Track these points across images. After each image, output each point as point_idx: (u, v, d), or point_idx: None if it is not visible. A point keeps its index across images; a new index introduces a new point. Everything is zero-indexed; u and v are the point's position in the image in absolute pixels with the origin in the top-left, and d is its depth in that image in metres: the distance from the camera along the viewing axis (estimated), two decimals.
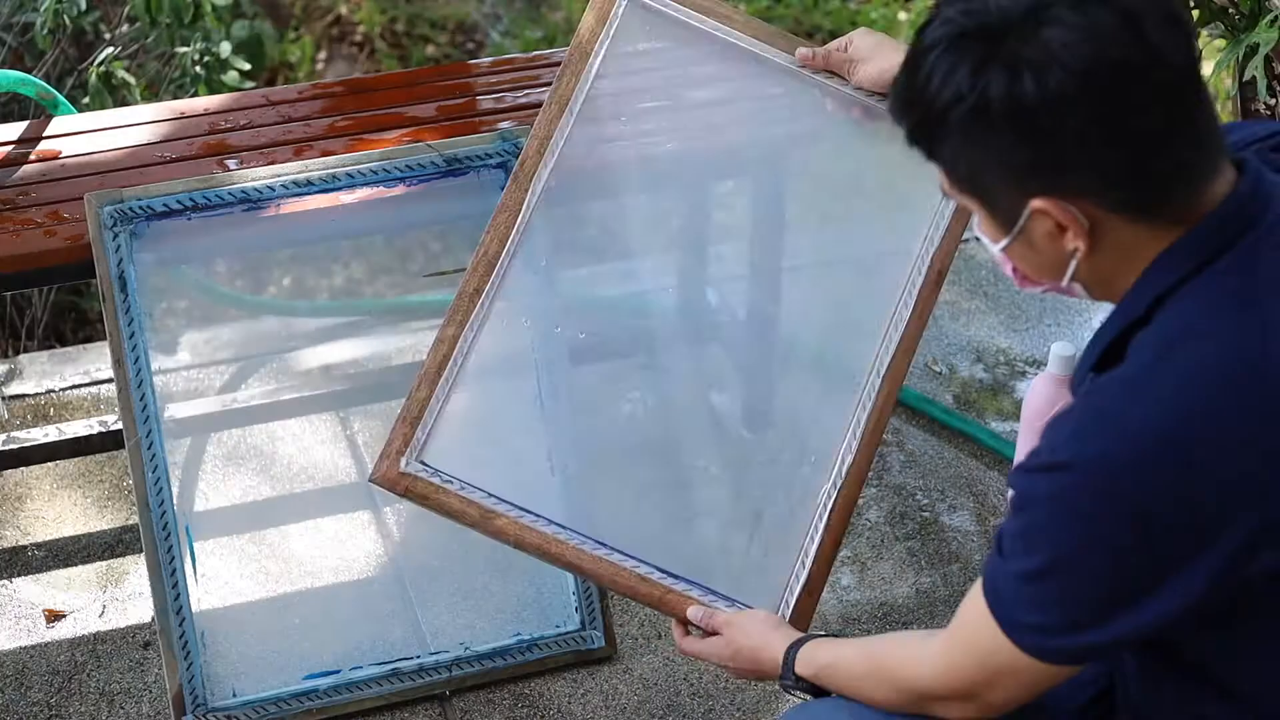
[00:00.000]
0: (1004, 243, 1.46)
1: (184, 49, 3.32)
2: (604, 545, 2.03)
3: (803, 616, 1.98)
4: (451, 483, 2.03)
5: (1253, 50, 2.60)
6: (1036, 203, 1.40)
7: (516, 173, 2.08)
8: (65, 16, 3.05)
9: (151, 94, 3.49)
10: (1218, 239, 1.40)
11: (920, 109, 1.41)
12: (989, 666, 1.51)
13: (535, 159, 2.09)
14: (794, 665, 1.75)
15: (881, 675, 1.65)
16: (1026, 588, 1.44)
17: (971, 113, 1.37)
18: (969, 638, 1.53)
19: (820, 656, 1.73)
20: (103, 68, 3.13)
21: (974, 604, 1.51)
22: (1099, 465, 1.37)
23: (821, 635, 1.78)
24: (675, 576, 2.01)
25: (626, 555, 2.02)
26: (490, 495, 2.02)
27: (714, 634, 1.88)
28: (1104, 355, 1.46)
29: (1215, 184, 1.41)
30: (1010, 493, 1.47)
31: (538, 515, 2.01)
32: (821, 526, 2.03)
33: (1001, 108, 1.36)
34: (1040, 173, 1.39)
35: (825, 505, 2.05)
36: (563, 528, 2.01)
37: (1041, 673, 1.48)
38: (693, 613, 1.91)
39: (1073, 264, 1.43)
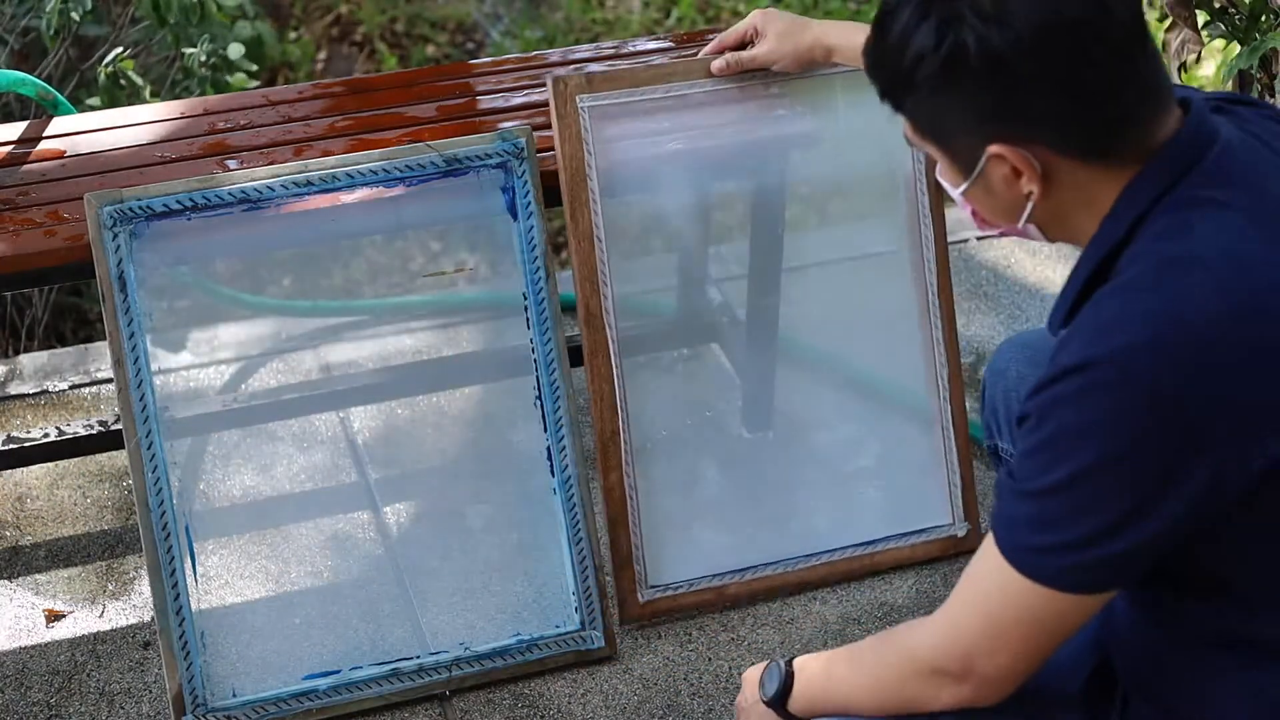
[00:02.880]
0: (963, 187, 1.56)
1: (190, 50, 3.32)
2: (811, 556, 2.51)
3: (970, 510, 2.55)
4: (681, 587, 2.47)
5: (1268, 56, 2.60)
6: (993, 148, 1.50)
7: (589, 320, 2.40)
8: (72, 15, 3.04)
9: (156, 94, 3.49)
10: (1180, 163, 1.49)
11: (890, 66, 1.52)
12: (994, 618, 1.52)
13: (595, 298, 2.40)
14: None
15: (887, 645, 1.65)
16: (1045, 504, 1.47)
17: (935, 65, 1.47)
18: (974, 589, 1.55)
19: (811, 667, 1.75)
20: (110, 68, 3.13)
21: (980, 556, 1.54)
22: (1122, 356, 1.42)
23: None
24: (871, 543, 2.53)
25: (826, 551, 2.52)
26: (713, 575, 2.49)
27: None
28: (1088, 283, 1.52)
29: (1165, 123, 1.51)
30: (1018, 426, 1.51)
31: (748, 567, 2.49)
32: (952, 435, 2.55)
33: (962, 61, 1.46)
34: (997, 120, 1.49)
35: (945, 423, 2.55)
36: (770, 563, 2.50)
37: (1049, 614, 1.49)
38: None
39: (1028, 206, 1.53)
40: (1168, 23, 2.63)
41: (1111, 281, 1.48)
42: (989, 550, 1.52)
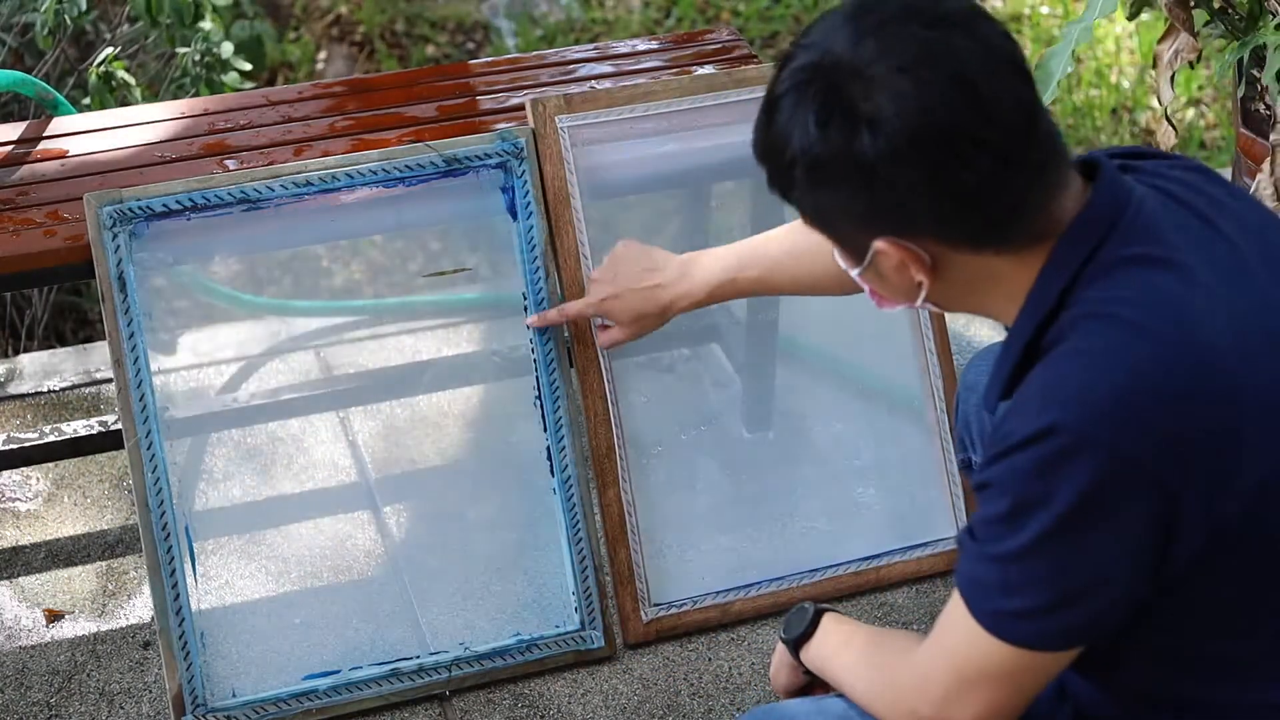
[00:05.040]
0: (856, 271, 1.54)
1: (184, 49, 3.32)
2: (815, 570, 2.50)
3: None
4: (685, 604, 2.45)
5: (1258, 52, 2.59)
6: (878, 244, 1.48)
7: (579, 335, 2.40)
8: (66, 16, 3.04)
9: (151, 94, 3.48)
10: (1100, 228, 1.47)
11: (772, 160, 1.49)
12: (963, 672, 1.51)
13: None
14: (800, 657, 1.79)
15: (885, 665, 1.64)
16: (1008, 570, 1.45)
17: (813, 165, 1.44)
18: (944, 643, 1.54)
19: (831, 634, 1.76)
20: (103, 68, 3.13)
21: (950, 609, 1.53)
22: (1076, 424, 1.41)
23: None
24: (876, 556, 2.51)
25: (830, 566, 2.50)
26: (717, 593, 2.47)
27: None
28: (1023, 356, 1.50)
29: (1067, 198, 1.48)
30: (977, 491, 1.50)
31: (753, 583, 2.48)
32: (952, 446, 2.48)
33: (838, 162, 1.43)
34: (879, 218, 1.47)
35: (944, 434, 2.54)
36: (774, 579, 2.49)
37: (1020, 669, 1.49)
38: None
39: (922, 292, 1.52)
40: (1160, 32, 2.63)
41: (1053, 350, 1.46)
42: (958, 606, 1.51)
